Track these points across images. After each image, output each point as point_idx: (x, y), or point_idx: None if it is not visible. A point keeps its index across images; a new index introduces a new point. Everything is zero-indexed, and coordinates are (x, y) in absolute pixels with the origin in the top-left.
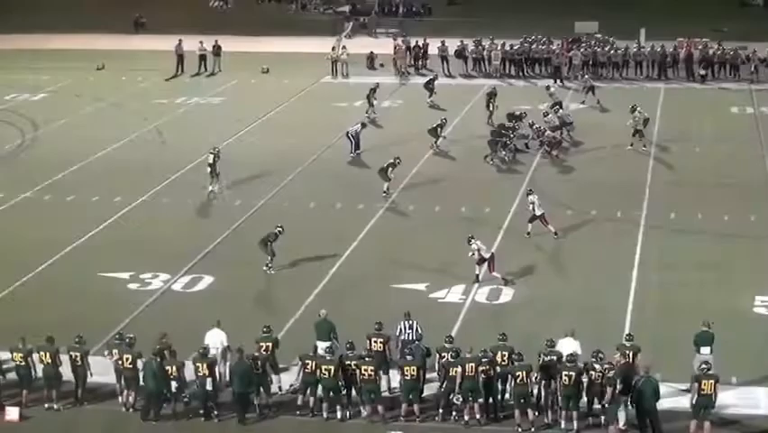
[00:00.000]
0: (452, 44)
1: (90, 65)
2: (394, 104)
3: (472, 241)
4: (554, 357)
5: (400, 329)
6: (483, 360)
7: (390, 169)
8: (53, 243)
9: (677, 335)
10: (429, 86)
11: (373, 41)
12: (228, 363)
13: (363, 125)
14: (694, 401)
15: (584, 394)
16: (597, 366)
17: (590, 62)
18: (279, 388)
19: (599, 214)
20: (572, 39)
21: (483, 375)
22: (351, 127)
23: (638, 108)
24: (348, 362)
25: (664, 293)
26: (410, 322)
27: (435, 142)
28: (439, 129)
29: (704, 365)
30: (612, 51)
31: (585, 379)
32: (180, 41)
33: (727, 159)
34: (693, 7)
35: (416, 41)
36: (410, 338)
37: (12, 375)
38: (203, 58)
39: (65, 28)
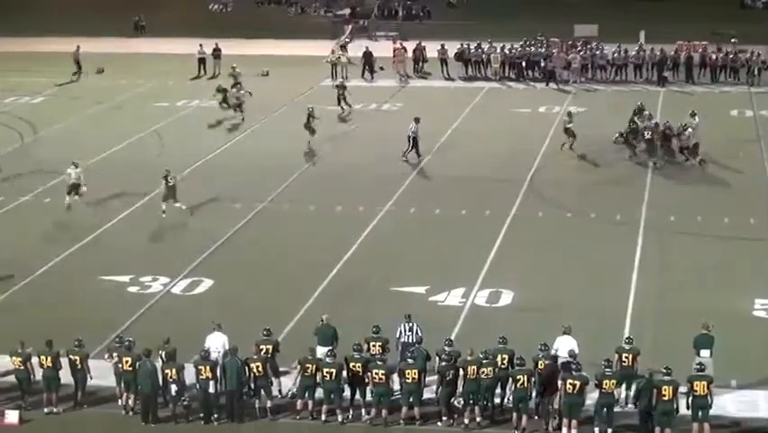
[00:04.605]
0: (452, 47)
1: (90, 68)
2: (393, 106)
3: None
4: (551, 362)
5: (400, 331)
6: (484, 361)
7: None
8: (53, 246)
9: (677, 337)
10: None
11: (373, 43)
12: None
13: (417, 120)
14: (689, 403)
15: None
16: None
17: (589, 65)
18: (280, 391)
19: (599, 216)
20: (571, 42)
21: (484, 378)
22: (409, 128)
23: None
24: (353, 363)
25: (664, 296)
26: (410, 324)
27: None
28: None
29: (696, 366)
30: (615, 55)
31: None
32: (78, 46)
33: (727, 162)
34: (693, 9)
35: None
36: (410, 341)
37: (10, 378)
38: (202, 61)
39: (64, 31)
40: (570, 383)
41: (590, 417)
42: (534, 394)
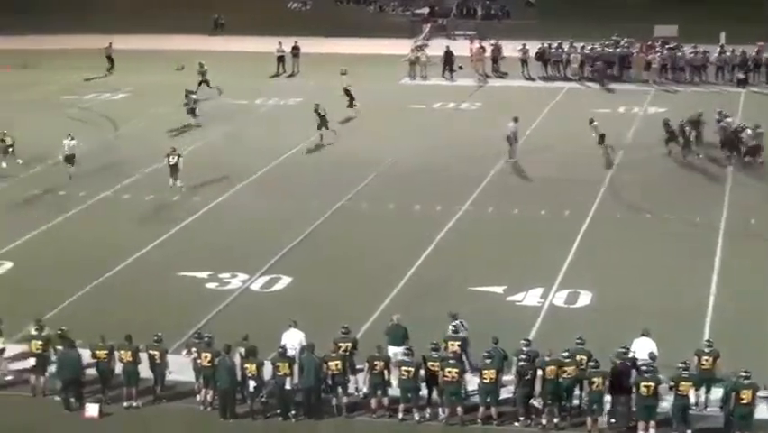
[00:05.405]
0: (531, 47)
1: (169, 65)
2: (472, 106)
3: None
4: (628, 363)
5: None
6: (566, 361)
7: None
8: (132, 241)
9: (756, 341)
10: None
11: (452, 42)
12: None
13: (515, 119)
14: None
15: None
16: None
17: (669, 66)
18: (356, 389)
19: (678, 218)
20: (650, 43)
21: (566, 377)
22: (507, 129)
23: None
24: (431, 363)
25: (744, 298)
26: (459, 321)
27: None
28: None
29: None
30: (692, 55)
31: (669, 388)
32: (110, 43)
33: None
34: None
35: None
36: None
37: (91, 371)
38: (281, 59)
39: (144, 29)
40: (643, 385)
41: (667, 419)
42: (608, 397)
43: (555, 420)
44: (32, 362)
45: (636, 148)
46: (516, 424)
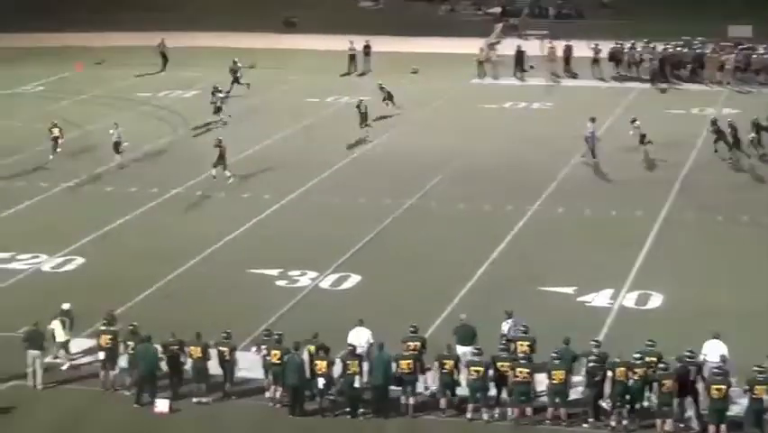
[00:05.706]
0: (603, 47)
1: (243, 63)
2: (544, 106)
3: None
4: (693, 367)
5: (509, 328)
6: (637, 363)
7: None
8: (203, 238)
9: None
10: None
11: (524, 42)
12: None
13: (593, 120)
14: None
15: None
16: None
17: (742, 66)
18: (425, 388)
19: (751, 220)
20: (724, 43)
21: (637, 379)
22: (586, 130)
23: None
24: (500, 363)
25: None
26: (513, 320)
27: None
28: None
29: None
30: (766, 56)
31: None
32: (163, 39)
33: None
34: None
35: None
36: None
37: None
38: (352, 57)
39: (217, 27)
40: (715, 388)
41: (737, 422)
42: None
43: (624, 422)
44: (101, 356)
45: (709, 149)
46: (585, 425)
